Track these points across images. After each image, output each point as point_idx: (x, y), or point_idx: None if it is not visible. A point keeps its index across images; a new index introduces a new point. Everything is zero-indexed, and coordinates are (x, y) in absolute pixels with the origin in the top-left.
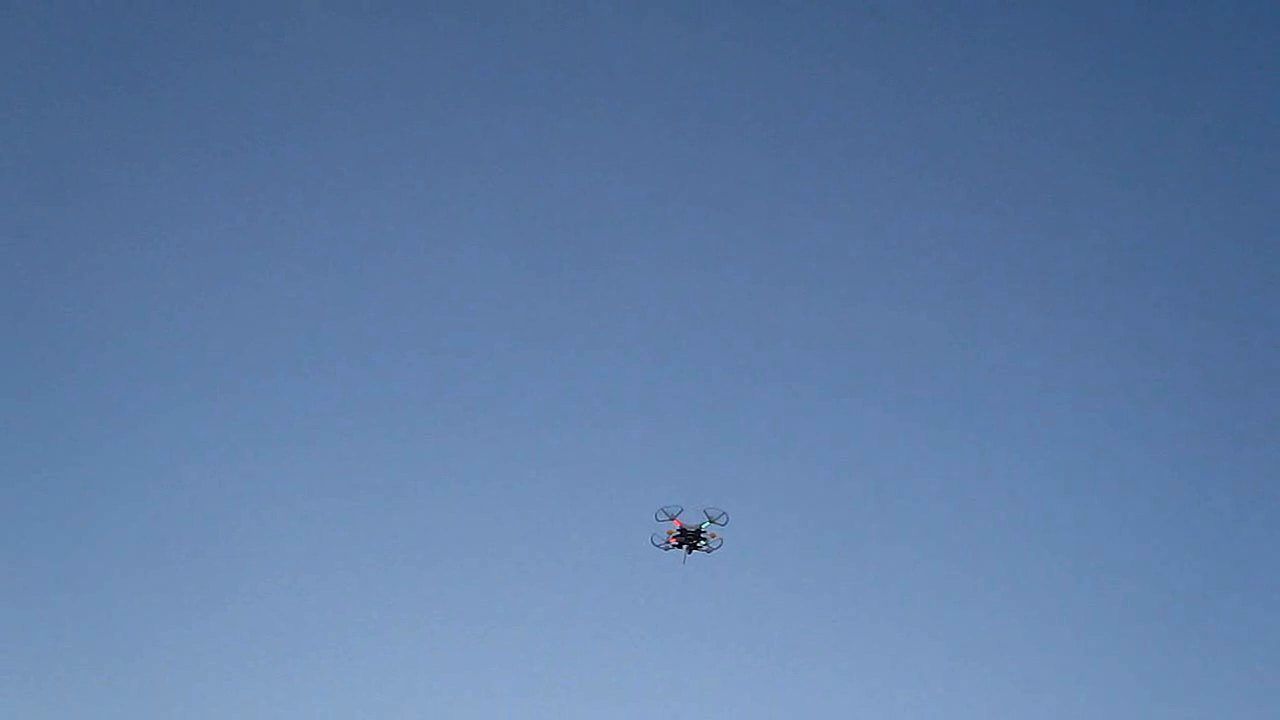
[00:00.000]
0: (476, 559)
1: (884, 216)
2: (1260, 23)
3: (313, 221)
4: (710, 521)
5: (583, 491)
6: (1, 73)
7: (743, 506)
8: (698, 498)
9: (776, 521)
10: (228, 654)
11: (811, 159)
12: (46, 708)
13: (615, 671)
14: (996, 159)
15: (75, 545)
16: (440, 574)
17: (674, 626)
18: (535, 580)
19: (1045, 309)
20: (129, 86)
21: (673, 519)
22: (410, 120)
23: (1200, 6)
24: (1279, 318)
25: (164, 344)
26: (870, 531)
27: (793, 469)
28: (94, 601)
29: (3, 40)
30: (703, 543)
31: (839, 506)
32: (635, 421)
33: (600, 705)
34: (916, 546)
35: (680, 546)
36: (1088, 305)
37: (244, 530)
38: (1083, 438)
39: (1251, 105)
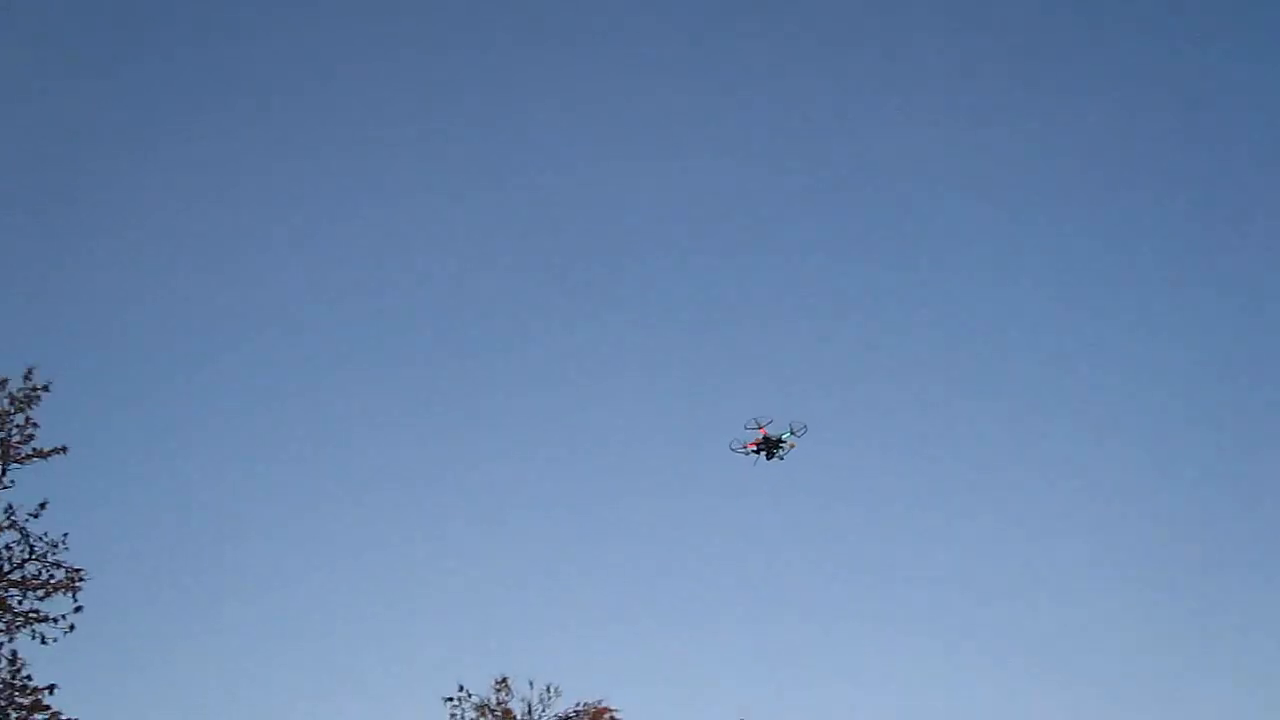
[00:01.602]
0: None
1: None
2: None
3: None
4: (791, 433)
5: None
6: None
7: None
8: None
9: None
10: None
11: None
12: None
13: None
14: None
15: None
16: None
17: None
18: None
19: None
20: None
21: (760, 428)
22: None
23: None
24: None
25: (169, 344)
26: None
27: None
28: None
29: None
30: (780, 450)
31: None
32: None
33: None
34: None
35: (759, 452)
36: None
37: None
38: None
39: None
